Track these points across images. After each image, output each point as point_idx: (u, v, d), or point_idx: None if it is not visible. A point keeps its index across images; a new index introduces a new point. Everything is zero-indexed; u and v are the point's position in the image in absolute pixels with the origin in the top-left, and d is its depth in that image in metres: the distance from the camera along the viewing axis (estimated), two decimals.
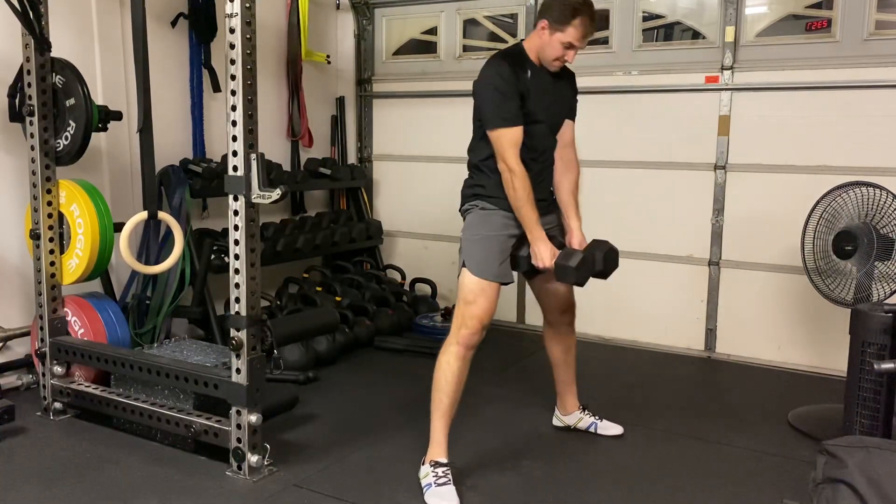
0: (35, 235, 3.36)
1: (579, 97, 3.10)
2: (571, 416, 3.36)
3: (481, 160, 2.91)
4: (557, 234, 3.03)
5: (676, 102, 4.55)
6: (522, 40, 2.97)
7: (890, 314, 2.90)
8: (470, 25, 5.31)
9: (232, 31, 2.68)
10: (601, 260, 2.91)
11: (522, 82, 2.80)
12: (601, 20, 2.95)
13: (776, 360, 4.36)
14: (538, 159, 2.92)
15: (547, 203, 3.01)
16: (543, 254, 2.83)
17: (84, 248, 3.38)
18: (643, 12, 4.66)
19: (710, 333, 4.56)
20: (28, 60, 3.26)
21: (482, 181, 2.91)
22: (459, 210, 3.01)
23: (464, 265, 2.86)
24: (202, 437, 2.98)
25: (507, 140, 2.76)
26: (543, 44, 2.83)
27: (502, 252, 2.87)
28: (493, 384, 3.96)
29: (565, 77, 3.00)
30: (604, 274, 2.96)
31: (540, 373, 3.55)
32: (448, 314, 4.68)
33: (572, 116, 3.07)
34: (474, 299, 2.80)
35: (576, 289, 3.06)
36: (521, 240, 2.89)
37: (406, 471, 2.90)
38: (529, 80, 2.83)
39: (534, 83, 2.84)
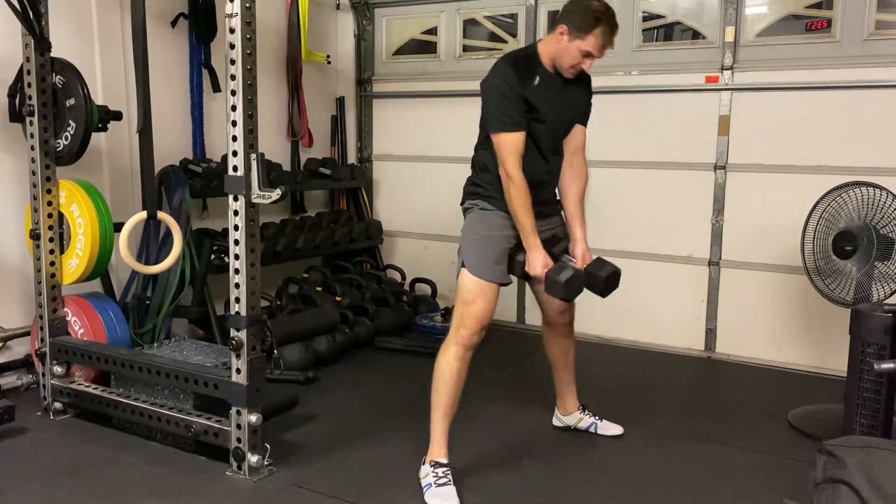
0: (35, 235, 3.36)
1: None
2: (571, 416, 3.36)
3: (484, 160, 2.90)
4: (560, 235, 3.02)
5: (676, 102, 4.55)
6: (538, 41, 2.91)
7: (890, 314, 2.89)
8: (470, 25, 5.31)
9: (232, 31, 2.68)
10: (602, 280, 2.89)
11: (528, 89, 2.75)
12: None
13: (776, 360, 4.36)
14: (543, 164, 2.90)
15: (549, 206, 3.00)
16: (536, 263, 2.82)
17: (84, 248, 3.38)
18: (643, 12, 4.66)
19: (710, 333, 4.56)
20: (28, 60, 3.26)
21: (483, 181, 2.90)
22: (461, 204, 3.01)
23: (462, 265, 2.85)
24: (202, 437, 2.98)
25: (508, 145, 2.73)
26: (561, 50, 2.77)
27: (501, 253, 2.87)
28: (493, 384, 3.96)
29: (579, 81, 2.92)
30: (602, 293, 2.95)
31: (540, 373, 3.55)
32: (448, 314, 4.68)
33: (584, 121, 3.01)
34: (473, 300, 2.80)
35: None
36: (521, 243, 2.88)
37: (406, 471, 2.90)
38: (536, 88, 2.78)
39: (541, 91, 2.79)
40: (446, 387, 2.77)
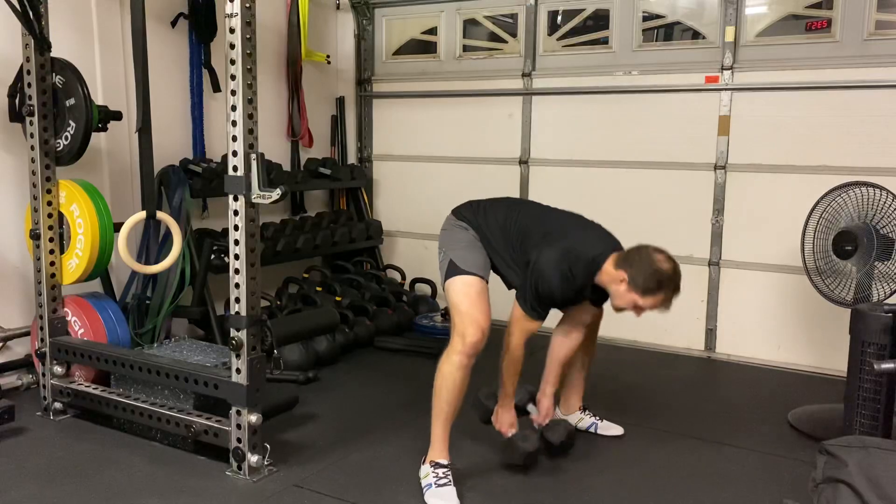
0: (35, 235, 3.36)
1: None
2: (573, 415, 3.36)
3: (512, 243, 2.93)
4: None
5: (676, 102, 4.55)
6: (610, 259, 2.79)
7: (890, 314, 2.89)
8: (470, 25, 5.30)
9: (232, 31, 2.68)
10: (557, 444, 3.04)
11: (567, 297, 2.86)
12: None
13: (776, 360, 4.36)
14: None
15: None
16: (503, 422, 3.01)
17: (84, 248, 3.38)
18: (643, 12, 4.66)
19: (710, 333, 4.56)
20: (28, 60, 3.26)
21: (490, 229, 2.95)
22: (453, 210, 3.05)
23: (452, 274, 2.85)
24: (202, 437, 2.98)
25: (527, 327, 2.85)
26: (616, 292, 2.78)
27: (487, 258, 2.94)
28: (495, 384, 3.95)
29: None
30: (560, 452, 3.08)
31: (540, 373, 3.54)
32: (448, 314, 4.68)
33: (599, 304, 3.05)
34: (469, 306, 2.78)
35: None
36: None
37: (406, 471, 2.91)
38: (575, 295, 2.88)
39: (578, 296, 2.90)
40: (448, 395, 2.76)
